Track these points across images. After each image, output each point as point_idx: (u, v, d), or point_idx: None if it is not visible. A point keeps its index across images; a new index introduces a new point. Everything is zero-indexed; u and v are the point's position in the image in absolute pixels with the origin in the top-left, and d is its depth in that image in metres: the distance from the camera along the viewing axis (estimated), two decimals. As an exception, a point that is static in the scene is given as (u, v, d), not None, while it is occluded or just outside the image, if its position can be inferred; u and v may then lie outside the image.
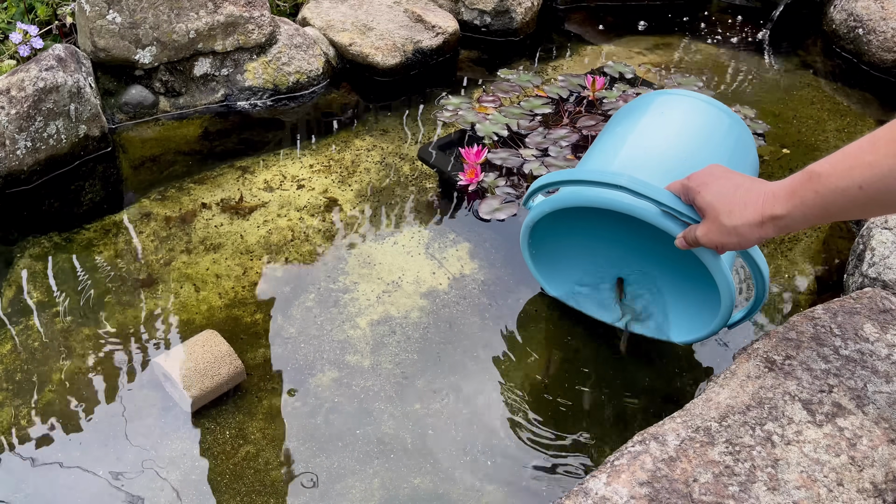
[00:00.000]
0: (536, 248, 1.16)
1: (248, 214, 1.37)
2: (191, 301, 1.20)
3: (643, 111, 1.17)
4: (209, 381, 1.03)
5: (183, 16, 1.55)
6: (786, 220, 0.77)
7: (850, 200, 0.71)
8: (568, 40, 2.02)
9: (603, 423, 1.06)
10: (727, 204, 0.82)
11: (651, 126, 1.13)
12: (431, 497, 0.96)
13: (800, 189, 0.75)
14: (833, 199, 0.72)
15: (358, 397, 1.07)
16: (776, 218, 0.77)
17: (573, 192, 1.02)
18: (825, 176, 0.72)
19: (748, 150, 1.14)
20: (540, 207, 1.07)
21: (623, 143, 1.11)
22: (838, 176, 0.71)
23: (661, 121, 1.13)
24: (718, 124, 1.13)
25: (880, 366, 0.91)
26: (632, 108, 1.20)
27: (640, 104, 1.20)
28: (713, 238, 0.85)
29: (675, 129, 1.12)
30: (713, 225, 0.84)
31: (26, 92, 1.34)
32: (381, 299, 1.22)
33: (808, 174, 0.74)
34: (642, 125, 1.14)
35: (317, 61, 1.73)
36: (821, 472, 0.79)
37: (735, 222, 0.81)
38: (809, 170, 0.74)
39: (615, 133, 1.15)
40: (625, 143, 1.10)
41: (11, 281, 1.22)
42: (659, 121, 1.13)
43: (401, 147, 1.57)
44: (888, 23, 1.87)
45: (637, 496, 0.76)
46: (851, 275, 1.19)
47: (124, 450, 0.99)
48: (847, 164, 0.71)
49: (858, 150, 0.71)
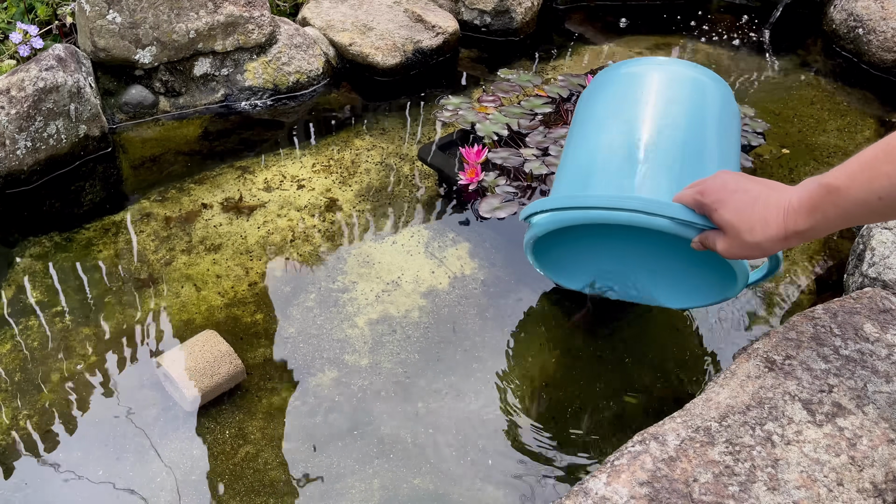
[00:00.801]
0: (540, 251, 1.12)
1: (249, 214, 1.37)
2: (191, 301, 1.20)
3: (616, 98, 1.09)
4: (209, 381, 1.03)
5: (183, 16, 1.55)
6: (809, 234, 0.78)
7: (870, 210, 0.73)
8: (568, 40, 2.02)
9: (603, 423, 1.06)
10: (747, 222, 0.81)
11: (635, 114, 1.04)
12: (431, 497, 0.96)
13: (820, 204, 0.76)
14: (853, 210, 0.74)
15: (357, 397, 1.07)
16: (799, 233, 0.78)
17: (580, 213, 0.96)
18: (844, 189, 0.73)
19: (733, 113, 1.07)
20: (543, 226, 1.00)
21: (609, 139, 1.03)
22: (857, 188, 0.72)
23: (644, 106, 1.04)
24: (701, 96, 1.05)
25: (880, 366, 0.91)
26: (600, 91, 1.12)
27: (606, 85, 1.11)
28: (735, 252, 0.85)
29: (661, 112, 1.03)
30: (735, 241, 0.84)
31: (26, 92, 1.34)
32: (381, 299, 1.22)
33: (826, 188, 0.75)
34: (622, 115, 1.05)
35: (317, 61, 1.73)
36: (821, 472, 0.79)
37: (757, 239, 0.81)
38: (826, 183, 0.75)
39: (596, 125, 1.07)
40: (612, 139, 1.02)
41: (11, 281, 1.22)
42: (642, 107, 1.05)
43: (401, 147, 1.57)
44: (888, 23, 1.87)
45: (637, 496, 0.76)
46: (851, 275, 1.19)
47: (124, 450, 0.99)
48: (865, 176, 0.72)
49: (874, 161, 0.72)
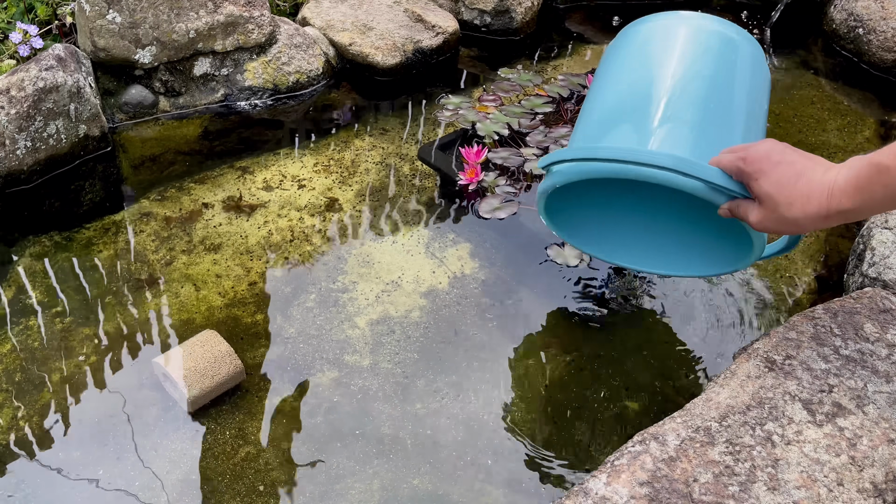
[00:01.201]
0: (551, 205, 1.05)
1: (249, 214, 1.37)
2: (191, 301, 1.20)
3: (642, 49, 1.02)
4: (209, 381, 1.03)
5: (183, 15, 1.55)
6: (852, 214, 0.76)
7: None
8: (568, 39, 2.02)
9: (603, 423, 1.06)
10: (788, 196, 0.78)
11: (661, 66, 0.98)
12: (431, 497, 0.96)
13: (867, 184, 0.74)
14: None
15: (357, 397, 1.07)
16: (843, 213, 0.76)
17: (603, 165, 0.89)
18: (894, 169, 0.72)
19: (765, 77, 1.02)
20: (564, 175, 0.93)
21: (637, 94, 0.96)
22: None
23: (671, 59, 0.98)
24: (733, 53, 0.99)
25: (880, 366, 0.91)
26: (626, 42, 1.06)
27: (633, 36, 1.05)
28: (768, 226, 0.82)
29: (687, 67, 0.97)
30: (771, 214, 0.80)
31: (26, 92, 1.34)
32: (381, 299, 1.22)
33: (875, 167, 0.73)
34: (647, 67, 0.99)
35: (317, 61, 1.73)
36: (821, 472, 0.79)
37: (796, 215, 0.78)
38: (876, 162, 0.73)
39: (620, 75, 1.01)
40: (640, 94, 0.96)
41: (11, 281, 1.22)
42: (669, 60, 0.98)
43: (401, 147, 1.57)
44: (888, 22, 1.87)
45: (637, 496, 0.76)
46: (851, 275, 1.19)
47: (124, 450, 0.99)
48: None
49: None
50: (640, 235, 1.14)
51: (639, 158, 0.86)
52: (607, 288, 1.26)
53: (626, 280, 1.27)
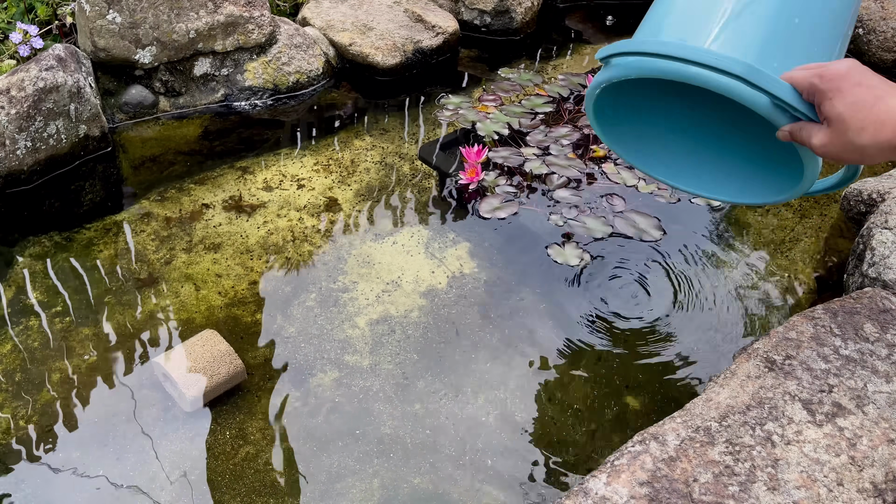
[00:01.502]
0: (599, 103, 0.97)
1: (249, 214, 1.37)
2: (191, 300, 1.20)
3: None
4: (209, 381, 1.03)
5: (183, 16, 1.55)
6: None
7: None
8: (568, 39, 2.02)
9: (603, 422, 1.06)
10: (861, 120, 0.73)
11: None
12: (431, 497, 0.96)
13: None
14: None
15: (358, 397, 1.07)
16: None
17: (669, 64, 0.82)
18: None
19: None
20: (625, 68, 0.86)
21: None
22: None
23: None
24: None
25: (880, 366, 0.91)
26: None
27: None
28: (831, 151, 0.76)
29: None
30: (838, 139, 0.75)
31: (26, 92, 1.34)
32: (381, 299, 1.22)
33: None
34: None
35: (317, 61, 1.73)
36: (821, 472, 0.79)
37: (865, 141, 0.73)
38: None
39: None
40: None
41: (11, 281, 1.22)
42: None
43: (401, 146, 1.57)
44: (888, 23, 1.87)
45: (637, 496, 0.76)
46: (851, 275, 1.19)
47: (124, 450, 0.99)
48: None
49: None
50: (683, 153, 1.06)
51: (707, 60, 0.79)
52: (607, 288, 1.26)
53: None
